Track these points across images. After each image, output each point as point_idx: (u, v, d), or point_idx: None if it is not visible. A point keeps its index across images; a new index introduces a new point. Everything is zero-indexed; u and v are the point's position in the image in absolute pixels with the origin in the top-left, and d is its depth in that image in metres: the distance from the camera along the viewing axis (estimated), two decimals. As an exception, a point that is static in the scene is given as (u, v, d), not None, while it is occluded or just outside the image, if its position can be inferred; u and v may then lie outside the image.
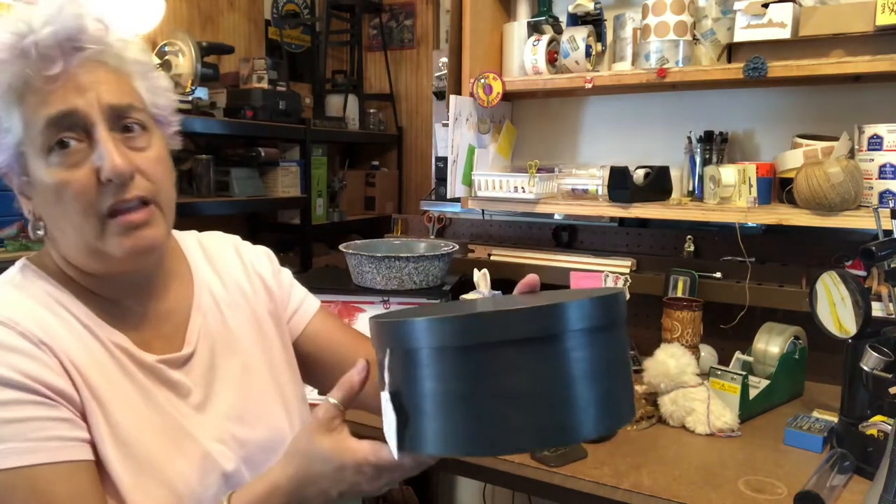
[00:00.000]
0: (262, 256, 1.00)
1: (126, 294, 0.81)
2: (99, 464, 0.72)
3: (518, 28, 1.86)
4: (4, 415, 0.67)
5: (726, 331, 1.63)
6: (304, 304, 1.01)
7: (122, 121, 0.74)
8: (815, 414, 1.38)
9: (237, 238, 1.01)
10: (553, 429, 0.54)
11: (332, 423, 0.69)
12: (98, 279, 0.79)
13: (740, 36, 1.49)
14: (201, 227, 1.03)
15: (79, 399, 0.72)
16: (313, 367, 1.00)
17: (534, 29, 1.82)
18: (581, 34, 1.72)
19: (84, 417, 0.72)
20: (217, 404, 0.84)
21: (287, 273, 1.03)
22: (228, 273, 0.94)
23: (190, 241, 0.95)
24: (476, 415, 0.54)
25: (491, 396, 0.54)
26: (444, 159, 1.85)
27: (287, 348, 0.97)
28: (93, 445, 0.72)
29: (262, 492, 0.71)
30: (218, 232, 1.01)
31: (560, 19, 1.81)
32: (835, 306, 1.24)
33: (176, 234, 0.93)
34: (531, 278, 0.73)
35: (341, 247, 1.73)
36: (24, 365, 0.69)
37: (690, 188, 1.75)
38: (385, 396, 0.60)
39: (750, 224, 1.65)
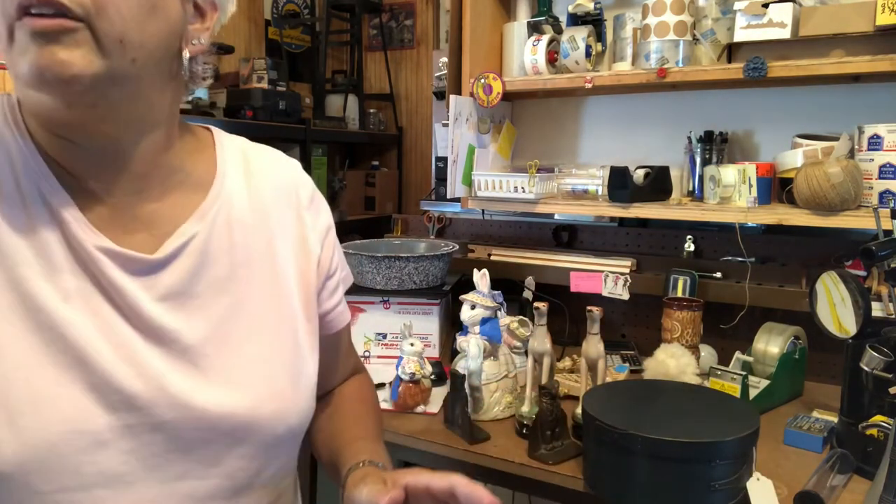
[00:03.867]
0: (323, 206, 0.81)
1: (88, 170, 0.63)
2: None
3: (518, 28, 1.86)
4: None
5: (726, 331, 1.62)
6: (340, 307, 0.84)
7: None
8: (815, 414, 1.37)
9: (299, 167, 0.80)
10: None
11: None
12: (51, 138, 0.62)
13: (740, 36, 1.49)
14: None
15: None
16: None
17: (534, 29, 1.82)
18: (581, 34, 1.72)
19: None
20: (180, 339, 0.63)
21: (339, 251, 0.83)
22: (264, 195, 0.74)
23: (231, 146, 0.75)
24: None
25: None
26: (444, 159, 1.85)
27: (309, 316, 0.75)
28: None
29: None
30: (280, 152, 0.80)
31: (560, 19, 1.81)
32: (835, 306, 1.24)
33: (218, 133, 0.76)
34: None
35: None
36: None
37: (690, 188, 1.75)
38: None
39: (750, 224, 1.65)
